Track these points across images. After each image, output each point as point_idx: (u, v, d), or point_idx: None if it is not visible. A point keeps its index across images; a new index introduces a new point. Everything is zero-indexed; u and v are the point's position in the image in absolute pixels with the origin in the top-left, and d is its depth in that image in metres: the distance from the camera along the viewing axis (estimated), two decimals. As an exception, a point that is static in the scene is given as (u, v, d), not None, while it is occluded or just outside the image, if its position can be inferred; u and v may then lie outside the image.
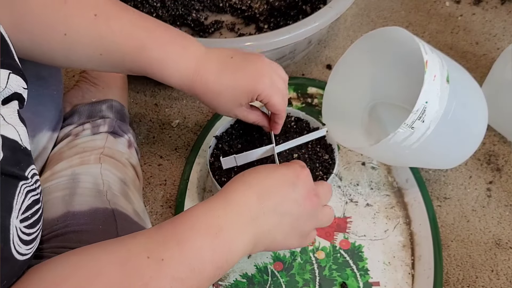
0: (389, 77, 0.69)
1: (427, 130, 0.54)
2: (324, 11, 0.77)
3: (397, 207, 0.69)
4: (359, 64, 0.66)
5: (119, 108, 0.70)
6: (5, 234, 0.31)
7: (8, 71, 0.35)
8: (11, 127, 0.33)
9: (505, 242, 0.67)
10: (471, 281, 0.63)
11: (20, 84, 0.36)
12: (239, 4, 0.90)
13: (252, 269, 0.63)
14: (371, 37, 0.61)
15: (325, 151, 0.63)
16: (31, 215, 0.34)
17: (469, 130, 0.62)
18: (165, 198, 0.72)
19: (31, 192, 0.35)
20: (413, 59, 0.59)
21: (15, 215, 0.32)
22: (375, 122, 0.72)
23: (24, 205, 0.34)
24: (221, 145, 0.63)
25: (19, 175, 0.33)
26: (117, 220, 0.52)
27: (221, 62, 0.54)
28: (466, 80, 0.61)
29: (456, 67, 0.61)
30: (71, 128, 0.64)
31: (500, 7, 1.00)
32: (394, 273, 0.63)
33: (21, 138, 0.33)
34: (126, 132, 0.68)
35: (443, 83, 0.54)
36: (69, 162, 0.59)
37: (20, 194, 0.33)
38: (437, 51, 0.58)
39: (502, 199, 0.71)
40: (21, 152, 0.33)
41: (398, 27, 0.57)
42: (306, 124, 0.66)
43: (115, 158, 0.62)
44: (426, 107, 0.52)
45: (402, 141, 0.55)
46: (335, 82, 0.66)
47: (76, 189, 0.55)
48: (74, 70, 0.88)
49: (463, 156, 0.65)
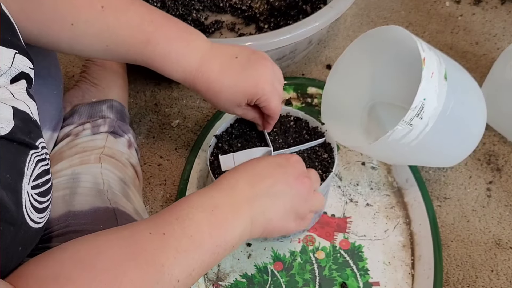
0: (388, 77, 0.69)
1: (425, 127, 0.54)
2: (324, 10, 0.77)
3: (397, 207, 0.69)
4: (358, 64, 0.66)
5: (119, 108, 0.70)
6: (17, 197, 0.32)
7: (14, 51, 0.36)
8: (21, 102, 0.34)
9: (505, 242, 0.67)
10: (471, 281, 0.63)
11: (26, 64, 0.37)
12: (239, 4, 0.90)
13: (252, 269, 0.63)
14: (369, 36, 0.61)
15: (324, 150, 0.63)
16: (42, 184, 0.36)
17: (468, 128, 0.62)
18: (165, 198, 0.72)
19: (41, 162, 0.36)
20: (412, 58, 0.60)
21: (26, 181, 0.33)
22: (374, 121, 0.72)
23: (35, 173, 0.35)
24: (221, 144, 0.63)
25: (29, 143, 0.34)
26: (118, 219, 0.52)
27: (225, 61, 0.54)
28: (464, 79, 0.61)
29: (454, 65, 0.61)
30: (71, 128, 0.64)
31: (500, 7, 1.00)
32: (394, 273, 0.63)
33: (31, 111, 0.35)
34: (126, 132, 0.68)
35: (441, 80, 0.54)
36: (69, 162, 0.59)
37: (31, 162, 0.34)
38: (435, 49, 0.58)
39: (502, 199, 0.71)
40: (31, 124, 0.34)
41: (396, 25, 0.57)
42: (305, 124, 0.66)
43: (115, 158, 0.62)
44: (424, 104, 0.52)
45: (401, 138, 0.55)
46: (334, 82, 0.66)
47: (77, 188, 0.55)
48: (74, 70, 0.88)
49: (462, 155, 0.66)
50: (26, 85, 0.36)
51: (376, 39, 0.62)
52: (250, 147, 0.63)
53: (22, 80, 0.36)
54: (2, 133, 0.30)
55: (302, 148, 0.63)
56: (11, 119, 0.31)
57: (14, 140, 0.32)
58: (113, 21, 0.49)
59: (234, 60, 0.55)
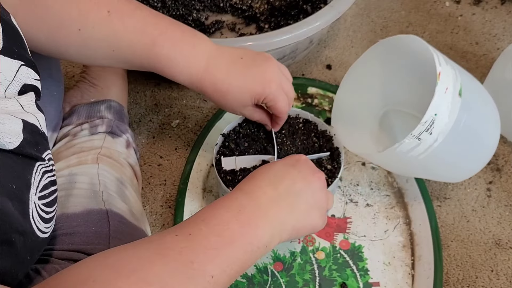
0: (402, 84, 0.68)
1: (434, 142, 0.54)
2: (325, 10, 0.77)
3: (397, 207, 0.69)
4: (372, 70, 0.65)
5: (118, 108, 0.70)
6: (24, 208, 0.33)
7: (20, 63, 0.36)
8: (31, 114, 0.35)
9: (505, 242, 0.67)
10: (471, 281, 0.64)
11: (31, 75, 0.38)
12: (239, 4, 0.90)
13: (252, 269, 0.63)
14: (384, 44, 0.61)
15: (331, 156, 0.63)
16: (48, 194, 0.36)
17: (481, 142, 0.61)
18: (165, 198, 0.72)
19: (48, 173, 0.36)
20: (427, 67, 0.59)
21: (33, 192, 0.34)
22: (386, 129, 0.71)
23: (41, 184, 0.35)
24: (227, 143, 0.63)
25: (36, 156, 0.34)
26: (111, 221, 0.52)
27: (230, 62, 0.54)
28: (479, 92, 0.60)
29: (470, 78, 0.60)
30: (70, 128, 0.65)
31: (500, 7, 1.00)
32: (394, 273, 0.63)
33: (40, 124, 0.35)
34: (124, 132, 0.68)
35: (455, 96, 0.53)
36: (67, 162, 0.59)
37: (37, 173, 0.35)
38: (452, 62, 0.57)
39: (502, 199, 0.71)
40: (39, 136, 0.35)
41: (414, 35, 0.57)
42: (314, 127, 0.66)
43: (112, 158, 0.62)
44: (435, 120, 0.52)
45: (408, 151, 0.55)
46: (347, 87, 0.66)
47: (72, 190, 0.55)
48: (74, 70, 0.88)
49: (475, 169, 0.64)
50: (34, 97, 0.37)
51: (390, 47, 0.61)
52: (257, 147, 0.63)
53: (30, 93, 0.37)
54: (10, 148, 0.31)
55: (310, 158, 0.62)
56: (21, 132, 0.32)
57: (22, 153, 0.33)
58: (119, 25, 0.49)
59: (239, 60, 0.55)
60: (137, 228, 0.57)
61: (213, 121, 0.78)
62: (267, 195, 0.46)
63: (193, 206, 0.69)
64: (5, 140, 0.30)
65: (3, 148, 0.31)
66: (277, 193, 0.46)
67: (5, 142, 0.30)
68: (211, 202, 0.69)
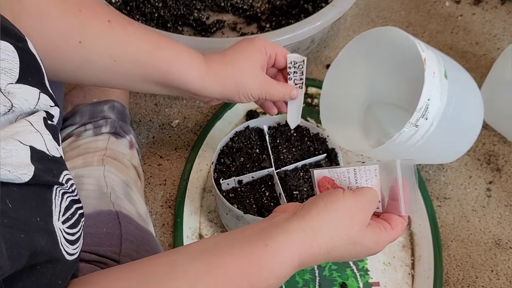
0: (383, 76, 0.69)
1: (430, 126, 0.55)
2: (327, 9, 0.77)
3: (397, 207, 0.69)
4: (353, 65, 0.65)
5: (121, 108, 0.70)
6: (53, 237, 0.32)
7: (38, 90, 0.35)
8: (39, 134, 0.33)
9: (505, 242, 0.67)
10: (471, 281, 0.64)
11: (48, 103, 0.36)
12: (240, 3, 0.90)
13: (252, 269, 0.63)
14: (364, 37, 0.61)
15: (329, 157, 0.63)
16: (71, 215, 0.35)
17: (468, 123, 0.63)
18: (165, 198, 0.72)
19: (67, 194, 0.35)
20: (405, 56, 0.60)
21: (55, 218, 0.33)
22: (372, 121, 0.72)
23: (63, 206, 0.35)
24: (223, 160, 0.63)
25: (53, 182, 0.33)
26: (121, 222, 0.52)
27: (221, 54, 0.55)
28: (461, 75, 0.62)
29: (451, 62, 0.61)
30: (73, 128, 0.64)
31: (500, 7, 1.00)
32: (394, 273, 0.63)
33: (47, 148, 0.34)
34: (127, 132, 0.68)
35: (442, 78, 0.54)
36: (72, 163, 0.59)
37: (57, 197, 0.34)
38: (432, 48, 0.58)
39: (502, 199, 0.71)
40: (49, 162, 0.33)
41: (392, 26, 0.57)
42: (306, 131, 0.66)
43: (117, 160, 0.62)
44: (429, 105, 0.53)
45: (407, 140, 0.55)
46: (330, 84, 0.66)
47: (80, 191, 0.55)
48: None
49: (462, 150, 0.67)
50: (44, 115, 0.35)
51: (371, 40, 0.61)
52: (252, 160, 0.63)
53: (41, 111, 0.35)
54: (26, 179, 0.30)
55: (303, 163, 0.63)
56: (29, 162, 0.31)
57: (38, 183, 0.31)
58: (121, 32, 0.48)
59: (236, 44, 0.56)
60: (145, 230, 0.57)
61: (213, 121, 0.78)
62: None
63: (193, 206, 0.69)
64: (18, 173, 0.29)
65: (19, 182, 0.29)
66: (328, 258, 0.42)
67: (19, 175, 0.29)
68: (211, 202, 0.70)
